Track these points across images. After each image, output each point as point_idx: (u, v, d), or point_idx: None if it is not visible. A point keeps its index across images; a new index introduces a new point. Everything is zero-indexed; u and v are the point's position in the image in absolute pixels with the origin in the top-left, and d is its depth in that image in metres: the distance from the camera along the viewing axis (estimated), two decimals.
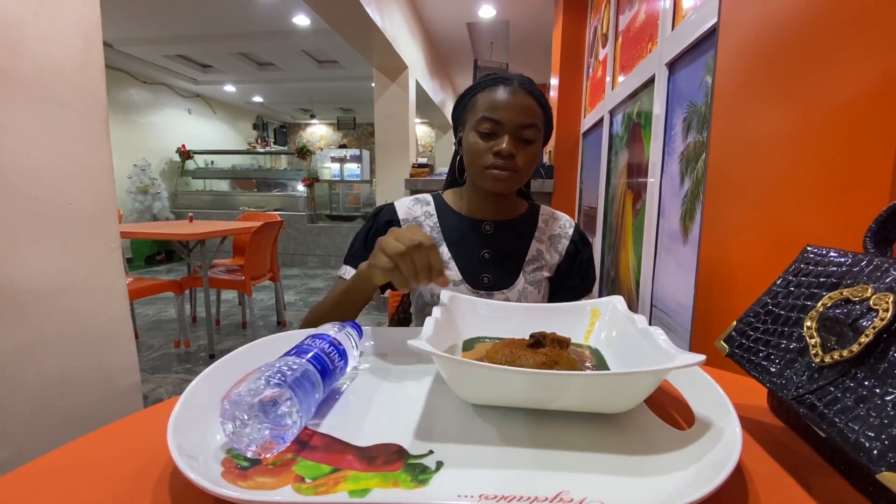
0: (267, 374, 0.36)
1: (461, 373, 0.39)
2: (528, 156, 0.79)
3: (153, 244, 5.63)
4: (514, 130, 0.77)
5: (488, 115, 0.77)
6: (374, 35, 3.49)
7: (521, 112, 0.77)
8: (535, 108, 0.79)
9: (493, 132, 0.78)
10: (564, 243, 0.91)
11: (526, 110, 0.77)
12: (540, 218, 0.93)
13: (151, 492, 0.31)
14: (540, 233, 0.91)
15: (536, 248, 0.89)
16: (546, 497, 0.29)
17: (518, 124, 0.77)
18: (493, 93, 0.79)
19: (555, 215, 0.94)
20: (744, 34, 0.82)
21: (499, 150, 0.76)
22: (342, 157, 8.01)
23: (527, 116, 0.77)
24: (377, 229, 0.87)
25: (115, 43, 5.17)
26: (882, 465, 0.25)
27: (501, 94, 0.78)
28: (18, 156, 0.92)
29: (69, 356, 1.03)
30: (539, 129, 0.79)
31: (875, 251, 0.37)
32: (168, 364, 2.51)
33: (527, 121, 0.77)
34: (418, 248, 0.56)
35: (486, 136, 0.78)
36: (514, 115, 0.77)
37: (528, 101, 0.78)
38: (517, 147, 0.78)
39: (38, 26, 0.94)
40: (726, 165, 0.88)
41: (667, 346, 0.41)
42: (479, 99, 0.80)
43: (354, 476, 0.32)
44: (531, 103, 0.78)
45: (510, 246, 0.88)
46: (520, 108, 0.77)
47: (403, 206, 0.91)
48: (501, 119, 0.77)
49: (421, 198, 0.93)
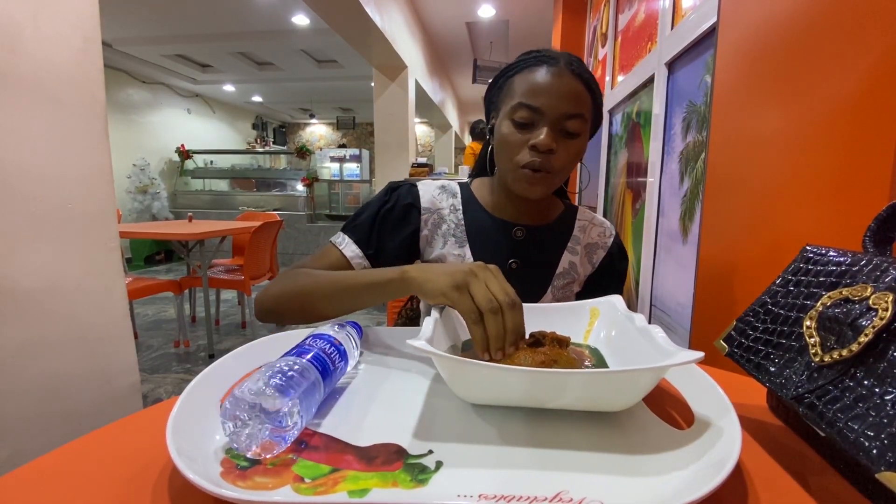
0: (268, 374, 0.36)
1: (460, 372, 0.39)
2: (570, 153, 0.67)
3: (152, 244, 5.62)
4: (556, 121, 0.65)
5: (526, 102, 0.65)
6: (374, 34, 3.49)
7: (566, 99, 0.65)
8: (584, 95, 0.66)
9: (531, 122, 0.66)
10: (601, 254, 0.81)
11: (572, 97, 0.65)
12: (577, 224, 0.81)
13: (151, 492, 0.31)
14: (575, 242, 0.80)
15: (569, 261, 0.79)
16: (545, 497, 0.29)
17: (561, 114, 0.65)
18: (533, 74, 0.66)
19: (594, 221, 0.83)
20: (743, 33, 0.82)
21: (536, 142, 0.65)
22: (341, 156, 8.01)
23: (572, 105, 0.65)
24: (396, 210, 0.75)
25: (113, 42, 5.16)
26: (881, 464, 0.25)
27: (543, 76, 0.65)
28: (17, 156, 0.92)
29: (68, 356, 1.03)
30: (586, 119, 0.67)
31: (874, 250, 0.37)
32: (167, 364, 2.51)
33: (572, 110, 0.65)
34: (513, 308, 0.46)
35: (523, 126, 0.66)
36: (557, 103, 0.64)
37: (575, 86, 0.65)
38: (557, 141, 0.66)
39: (36, 26, 0.94)
40: (726, 165, 0.88)
41: (665, 344, 0.41)
42: (516, 81, 0.68)
43: (354, 476, 0.32)
44: (579, 88, 0.66)
45: (541, 255, 0.77)
46: (564, 93, 0.65)
47: (428, 192, 0.78)
48: (541, 106, 0.65)
49: (447, 186, 0.81)
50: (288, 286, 0.64)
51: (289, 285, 0.64)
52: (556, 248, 0.79)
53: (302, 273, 0.65)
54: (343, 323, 0.51)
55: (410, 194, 0.77)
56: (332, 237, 0.74)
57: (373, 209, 0.75)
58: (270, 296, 0.65)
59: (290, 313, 0.63)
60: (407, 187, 0.78)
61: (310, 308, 0.62)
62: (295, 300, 0.63)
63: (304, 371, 0.38)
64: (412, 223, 0.76)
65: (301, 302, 0.62)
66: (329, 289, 0.60)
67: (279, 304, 0.64)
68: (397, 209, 0.75)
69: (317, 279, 0.62)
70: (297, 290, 0.62)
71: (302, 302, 0.62)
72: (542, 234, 0.78)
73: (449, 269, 0.50)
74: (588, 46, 2.88)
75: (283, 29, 4.87)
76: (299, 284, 0.63)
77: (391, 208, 0.75)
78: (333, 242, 0.73)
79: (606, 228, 0.83)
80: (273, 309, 0.65)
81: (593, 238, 0.81)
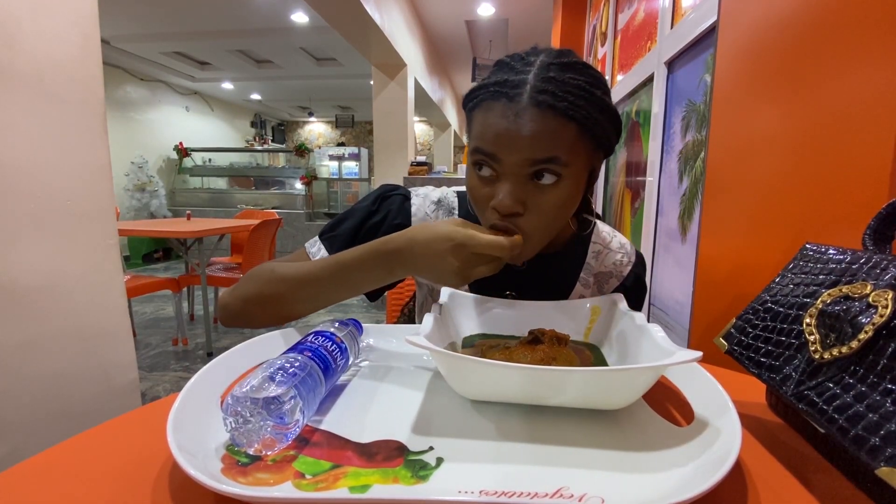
0: (270, 370, 0.36)
1: (459, 369, 0.39)
2: (546, 210, 0.51)
3: (151, 242, 5.61)
4: (519, 171, 0.50)
5: (481, 147, 0.51)
6: (373, 32, 3.49)
7: (530, 144, 0.48)
8: (559, 130, 0.49)
9: (491, 172, 0.52)
10: (613, 284, 0.70)
11: (538, 139, 0.48)
12: (590, 251, 0.69)
13: (151, 489, 0.31)
14: (587, 272, 0.69)
15: (579, 293, 0.68)
16: (546, 493, 0.29)
17: (523, 161, 0.49)
18: (488, 113, 0.51)
19: (610, 246, 0.70)
20: (743, 32, 0.83)
21: (494, 205, 0.51)
22: (340, 155, 8.00)
23: (539, 148, 0.49)
24: (383, 228, 0.66)
25: (112, 40, 5.15)
26: (881, 460, 0.25)
27: (498, 116, 0.49)
28: (15, 153, 0.92)
29: (67, 353, 1.03)
30: (565, 162, 0.50)
31: (874, 248, 0.37)
32: (166, 362, 2.51)
33: (539, 155, 0.49)
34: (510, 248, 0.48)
35: (485, 177, 0.53)
36: (518, 150, 0.49)
37: (544, 124, 0.48)
38: (527, 196, 0.51)
39: (35, 22, 0.94)
40: (725, 164, 0.88)
41: (664, 343, 0.41)
42: (474, 118, 0.54)
43: (355, 472, 0.32)
44: (550, 125, 0.48)
45: (545, 286, 0.67)
46: (527, 136, 0.48)
47: (421, 209, 0.69)
48: (497, 154, 0.50)
49: (444, 201, 0.70)
50: (261, 281, 0.57)
51: (262, 279, 0.57)
52: (563, 280, 0.69)
53: (272, 266, 0.58)
54: (344, 321, 0.51)
55: (402, 211, 0.68)
56: (307, 242, 0.66)
57: (357, 218, 0.66)
58: (238, 295, 0.58)
59: (263, 310, 0.57)
60: (399, 200, 0.69)
61: (288, 300, 0.56)
62: (272, 294, 0.56)
63: (306, 368, 0.38)
64: None
65: (277, 290, 0.56)
66: (308, 279, 0.54)
67: (250, 303, 0.57)
68: (385, 227, 0.66)
69: (298, 266, 0.56)
70: (275, 280, 0.56)
71: (278, 290, 0.56)
72: (547, 265, 0.67)
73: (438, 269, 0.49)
74: (587, 45, 2.88)
75: (283, 27, 4.86)
76: (277, 274, 0.56)
77: (378, 223, 0.67)
78: (307, 250, 0.65)
79: (625, 254, 0.70)
80: (242, 310, 0.58)
81: (607, 266, 0.70)
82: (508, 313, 0.60)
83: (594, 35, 2.64)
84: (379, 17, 3.36)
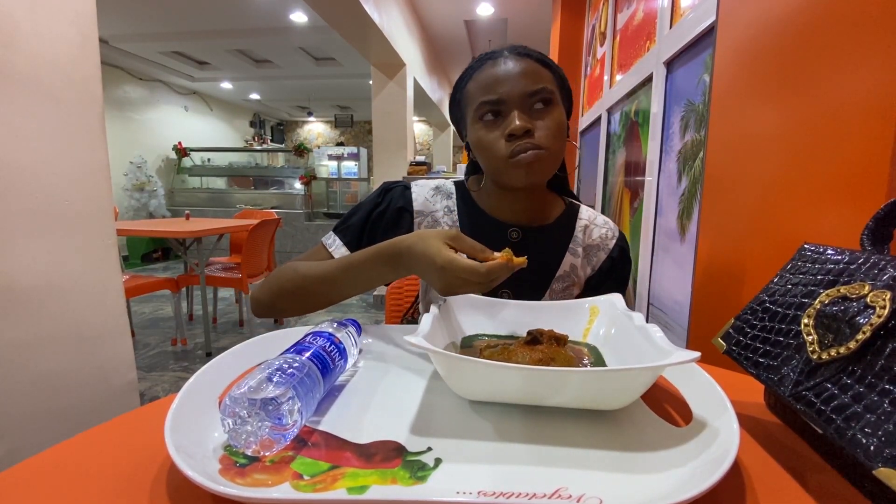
0: (268, 371, 0.36)
1: (458, 369, 0.39)
2: (551, 125, 0.65)
3: (149, 242, 5.60)
4: (521, 102, 0.64)
5: (485, 99, 0.65)
6: (372, 32, 3.48)
7: (522, 79, 0.64)
8: (539, 70, 0.66)
9: (498, 114, 0.65)
10: (601, 257, 0.78)
11: (527, 75, 0.64)
12: (577, 224, 0.78)
13: (148, 489, 0.31)
14: (576, 244, 0.77)
15: (570, 263, 0.76)
16: (545, 493, 0.29)
17: (522, 93, 0.64)
18: (482, 73, 0.67)
19: (596, 221, 0.80)
20: (742, 33, 0.83)
21: (510, 129, 0.63)
22: (339, 154, 7.99)
23: (530, 81, 0.64)
24: (388, 213, 0.75)
25: (110, 39, 5.14)
26: (879, 461, 0.25)
27: (491, 69, 0.66)
28: (13, 152, 0.91)
29: (65, 353, 1.03)
30: (551, 91, 0.65)
31: (872, 249, 0.37)
32: (164, 362, 2.50)
33: (531, 87, 0.64)
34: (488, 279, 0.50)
35: (492, 123, 0.66)
36: (514, 85, 0.64)
37: (526, 65, 0.65)
38: (532, 120, 0.64)
39: (33, 22, 0.94)
40: (724, 164, 0.88)
41: (663, 344, 0.41)
42: (470, 88, 0.68)
43: (353, 473, 0.32)
44: (531, 66, 0.65)
45: (540, 257, 0.74)
46: (518, 74, 0.64)
47: (421, 194, 0.77)
48: (501, 96, 0.64)
49: (442, 187, 0.79)
50: (285, 279, 0.65)
51: (285, 277, 0.65)
52: (555, 250, 0.76)
53: (295, 266, 0.66)
54: (342, 321, 0.51)
55: (403, 197, 0.76)
56: (324, 237, 0.74)
57: (364, 211, 0.75)
58: (267, 290, 0.66)
59: (290, 304, 0.65)
60: (400, 189, 0.77)
61: (311, 293, 0.63)
62: (295, 289, 0.64)
63: (304, 368, 0.38)
64: (404, 227, 0.75)
65: (300, 286, 0.63)
66: (328, 276, 0.61)
67: (278, 298, 0.65)
68: (389, 212, 0.75)
69: (318, 270, 0.63)
70: (298, 278, 0.64)
71: (301, 286, 0.63)
72: (540, 236, 0.76)
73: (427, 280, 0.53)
74: (586, 45, 2.88)
75: (282, 26, 4.85)
76: (300, 273, 0.64)
77: (383, 211, 0.75)
78: (324, 243, 0.73)
79: (609, 229, 0.79)
80: (271, 303, 0.66)
81: (594, 240, 0.78)
82: (507, 314, 0.60)
83: (593, 35, 2.64)
84: (378, 17, 3.36)
